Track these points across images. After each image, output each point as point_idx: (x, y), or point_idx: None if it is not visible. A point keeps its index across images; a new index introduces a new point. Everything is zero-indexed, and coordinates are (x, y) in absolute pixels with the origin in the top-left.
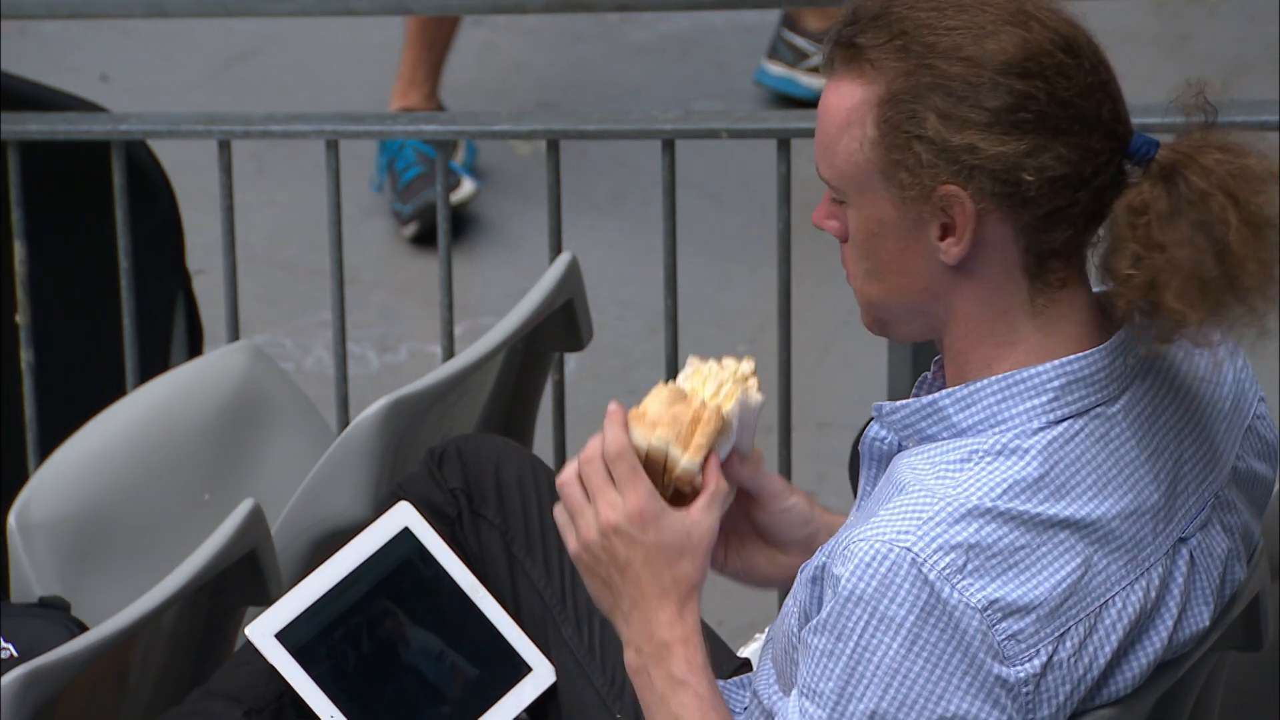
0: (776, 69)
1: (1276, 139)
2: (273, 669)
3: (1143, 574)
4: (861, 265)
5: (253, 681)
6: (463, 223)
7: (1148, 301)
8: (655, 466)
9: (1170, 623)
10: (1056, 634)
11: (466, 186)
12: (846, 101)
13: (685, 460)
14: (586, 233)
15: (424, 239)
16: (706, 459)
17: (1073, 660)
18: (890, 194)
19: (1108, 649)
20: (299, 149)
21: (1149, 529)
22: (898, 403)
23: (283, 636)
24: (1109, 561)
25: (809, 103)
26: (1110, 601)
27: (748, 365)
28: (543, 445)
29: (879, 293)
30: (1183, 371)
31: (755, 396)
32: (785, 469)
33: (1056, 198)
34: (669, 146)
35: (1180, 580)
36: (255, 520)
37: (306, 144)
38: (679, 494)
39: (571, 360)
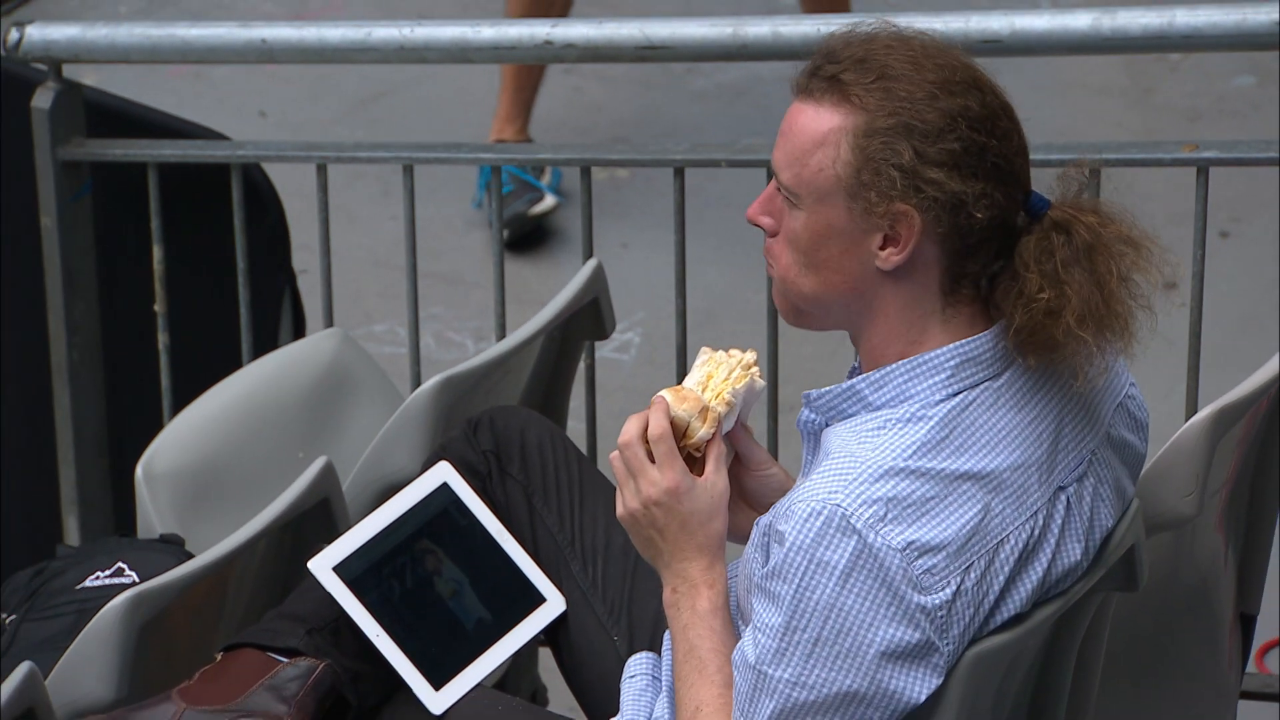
0: None
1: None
2: (330, 596)
3: (1030, 517)
4: (797, 260)
5: (315, 606)
6: (545, 233)
7: (1049, 321)
8: (677, 430)
9: (1048, 557)
10: (963, 567)
11: (548, 201)
12: (824, 125)
13: (700, 430)
14: (652, 243)
15: (514, 246)
16: (716, 430)
17: (976, 588)
18: (847, 205)
19: (1001, 578)
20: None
21: (1034, 479)
22: (822, 389)
23: (339, 569)
24: (1003, 506)
25: None
26: (1005, 539)
27: (751, 355)
28: (577, 418)
29: (810, 285)
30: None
31: (759, 382)
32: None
33: (984, 233)
34: (679, 174)
35: (1059, 521)
36: (327, 474)
37: (423, 169)
38: (690, 456)
39: (632, 349)
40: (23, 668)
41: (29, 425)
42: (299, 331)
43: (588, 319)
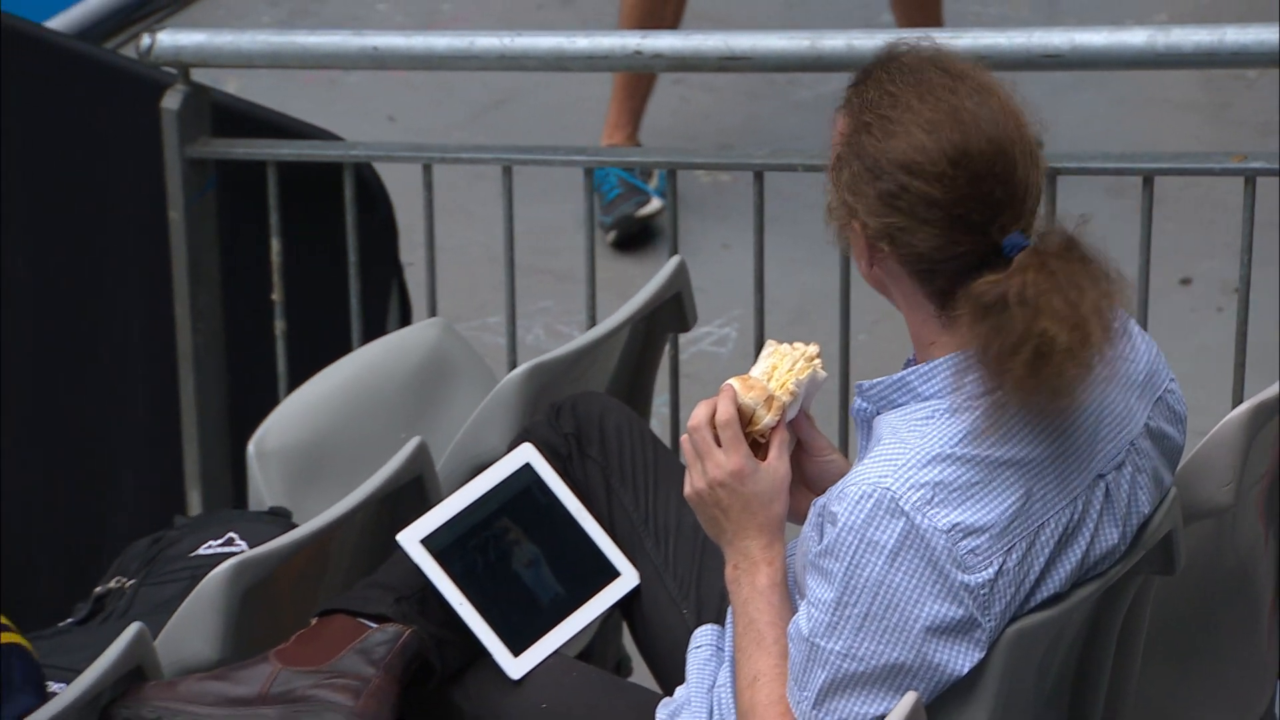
0: None
1: None
2: (417, 566)
3: (1069, 502)
4: None
5: (404, 576)
6: (651, 233)
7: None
8: (744, 417)
9: (1087, 540)
10: (1005, 548)
11: (654, 204)
12: (835, 130)
13: (766, 418)
14: (751, 244)
15: (622, 244)
16: (780, 417)
17: (1017, 568)
18: (832, 210)
19: (1042, 559)
20: (531, 176)
21: (1074, 467)
22: (874, 380)
23: (427, 542)
24: (1044, 492)
25: None
26: (1045, 523)
27: (814, 348)
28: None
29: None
30: None
31: (821, 374)
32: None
33: (919, 263)
34: (759, 177)
35: (1098, 507)
36: (421, 453)
37: (537, 171)
38: (754, 442)
39: (729, 343)
40: (132, 628)
41: (156, 406)
42: (405, 320)
43: (671, 313)
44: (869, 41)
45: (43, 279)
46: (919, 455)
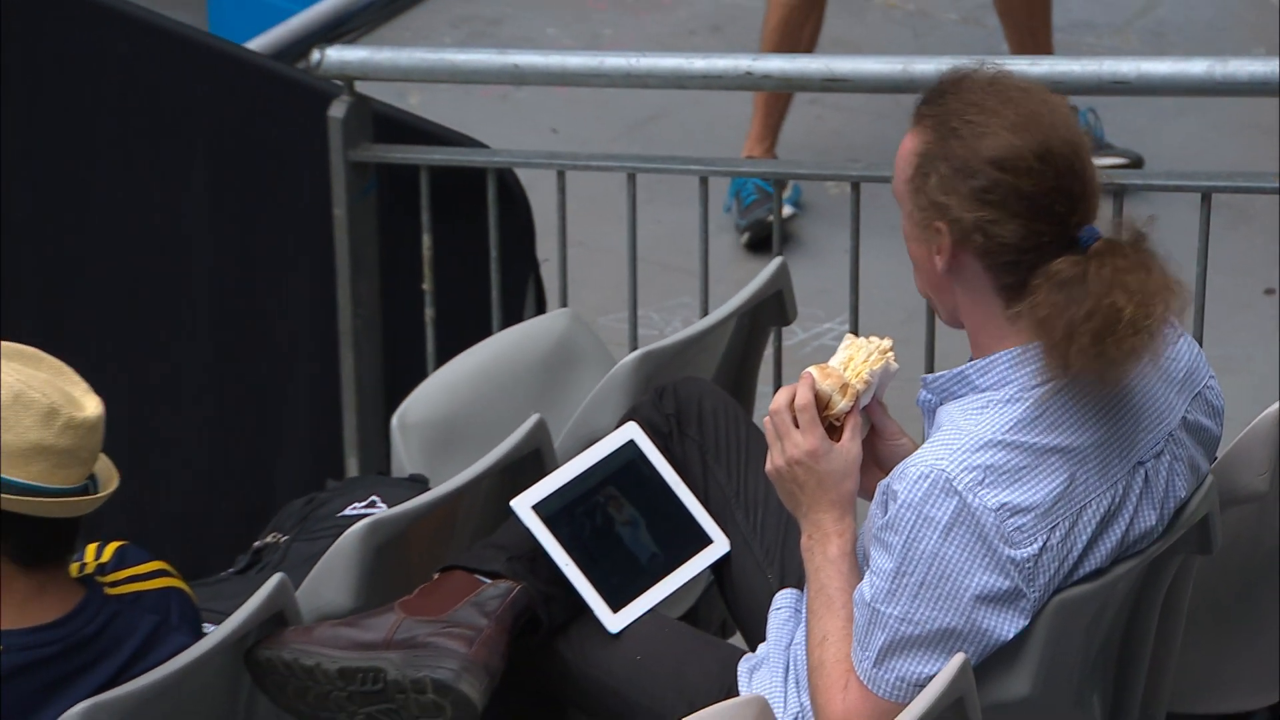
0: None
1: None
2: (529, 530)
3: (1110, 487)
4: (912, 261)
5: (516, 538)
6: (783, 237)
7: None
8: (821, 402)
9: (1126, 521)
10: (1049, 527)
11: (785, 210)
12: (905, 147)
13: (841, 403)
14: (873, 249)
15: (755, 246)
16: (854, 403)
17: (1060, 545)
18: (910, 215)
19: (1084, 538)
20: (676, 184)
21: (1115, 454)
22: (937, 374)
23: (538, 508)
24: (1086, 477)
25: None
26: (1087, 505)
27: (887, 342)
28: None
29: (918, 282)
30: None
31: (893, 365)
32: None
33: (1004, 254)
34: (855, 188)
35: (1137, 491)
36: (540, 428)
37: (678, 180)
38: (830, 425)
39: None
40: (275, 578)
41: (319, 381)
42: (540, 310)
43: (773, 308)
44: (1015, 65)
45: (224, 267)
46: (973, 441)
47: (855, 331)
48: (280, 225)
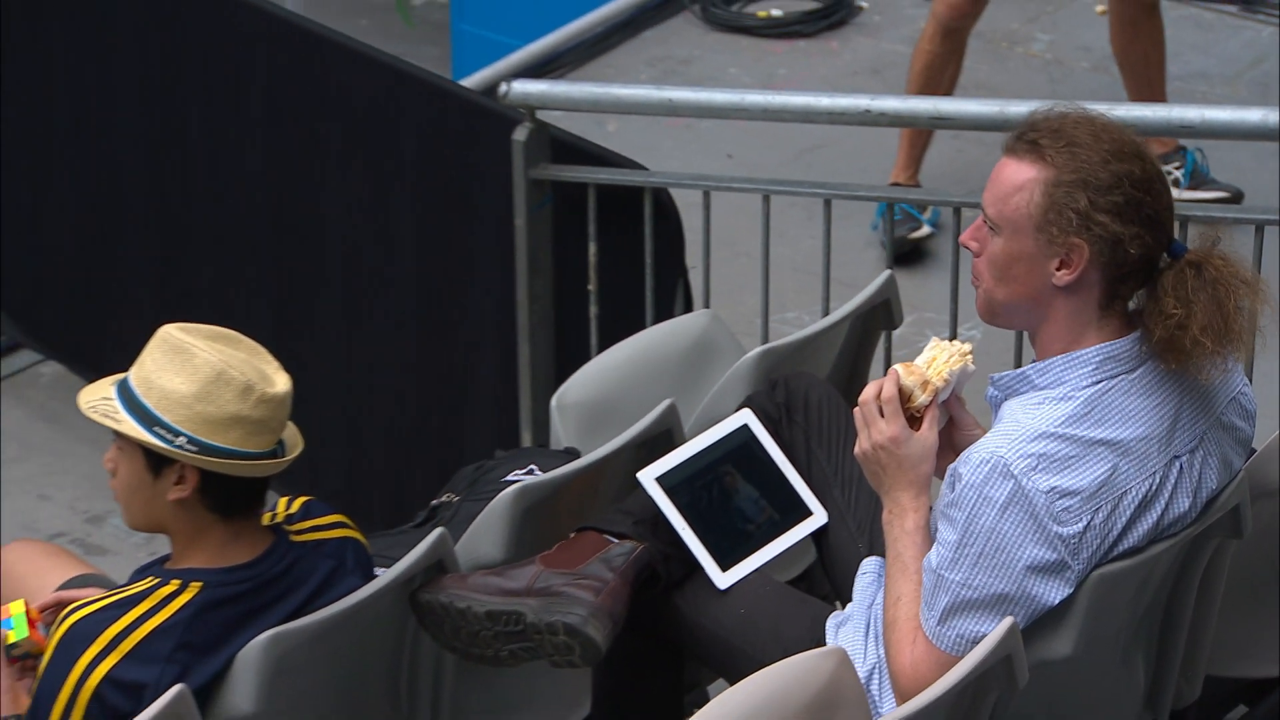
0: None
1: None
2: (652, 498)
3: (1149, 476)
4: (994, 275)
5: (642, 504)
6: (921, 253)
7: (1179, 333)
8: (904, 395)
9: (1161, 507)
10: (1093, 509)
11: (924, 230)
12: (1023, 176)
13: (921, 397)
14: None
15: (899, 261)
16: (933, 398)
17: (1102, 525)
18: (1034, 236)
19: (1123, 520)
20: (803, 205)
21: (1155, 449)
22: (1003, 373)
23: (660, 479)
24: (1128, 467)
25: None
26: (1127, 491)
27: (966, 346)
28: None
29: (1002, 295)
30: None
31: (971, 366)
32: None
33: (1134, 265)
34: (957, 212)
35: (1172, 481)
36: (670, 412)
37: (808, 201)
38: (912, 416)
39: (974, 342)
40: (436, 532)
41: (501, 365)
42: (687, 310)
43: (882, 314)
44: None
45: (426, 265)
46: (1029, 432)
47: (953, 336)
48: (471, 231)
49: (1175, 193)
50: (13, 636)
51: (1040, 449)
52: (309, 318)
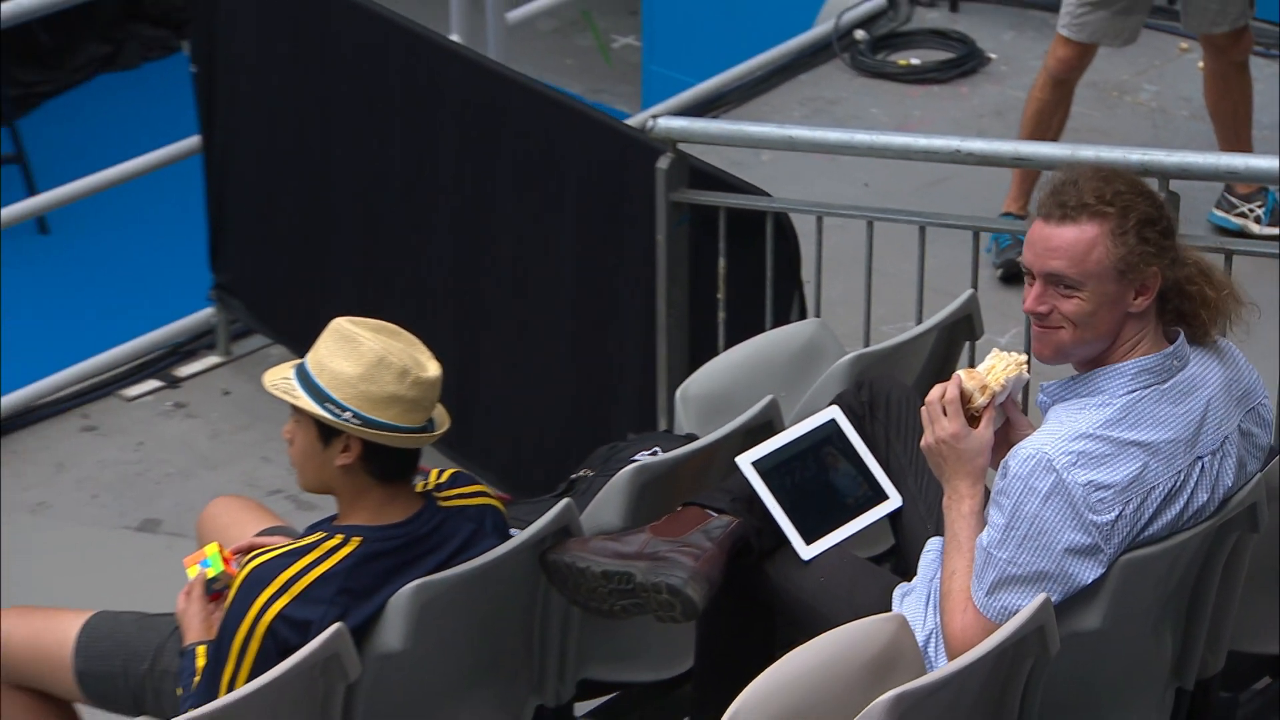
0: (1219, 214)
1: None
2: (747, 479)
3: (1174, 474)
4: (1078, 325)
5: (739, 484)
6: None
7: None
8: (965, 397)
9: (1184, 501)
10: (1124, 501)
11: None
12: (1090, 234)
13: (980, 400)
14: None
15: (1008, 280)
16: (990, 401)
17: (1132, 515)
18: (1116, 280)
19: (1150, 511)
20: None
21: (1181, 450)
22: (1051, 382)
23: (756, 464)
24: (1156, 465)
25: (1231, 232)
26: (1155, 486)
27: (1023, 357)
28: None
29: (1085, 344)
30: (1213, 370)
31: (1025, 375)
32: None
33: (1174, 275)
34: None
35: (1194, 479)
36: (772, 406)
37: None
38: (971, 416)
39: None
40: (563, 502)
41: (642, 360)
42: (801, 318)
43: (965, 327)
44: (1110, 154)
45: (583, 272)
46: (1071, 432)
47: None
48: (620, 244)
49: (1256, 228)
50: (211, 572)
51: (1080, 447)
52: (485, 317)
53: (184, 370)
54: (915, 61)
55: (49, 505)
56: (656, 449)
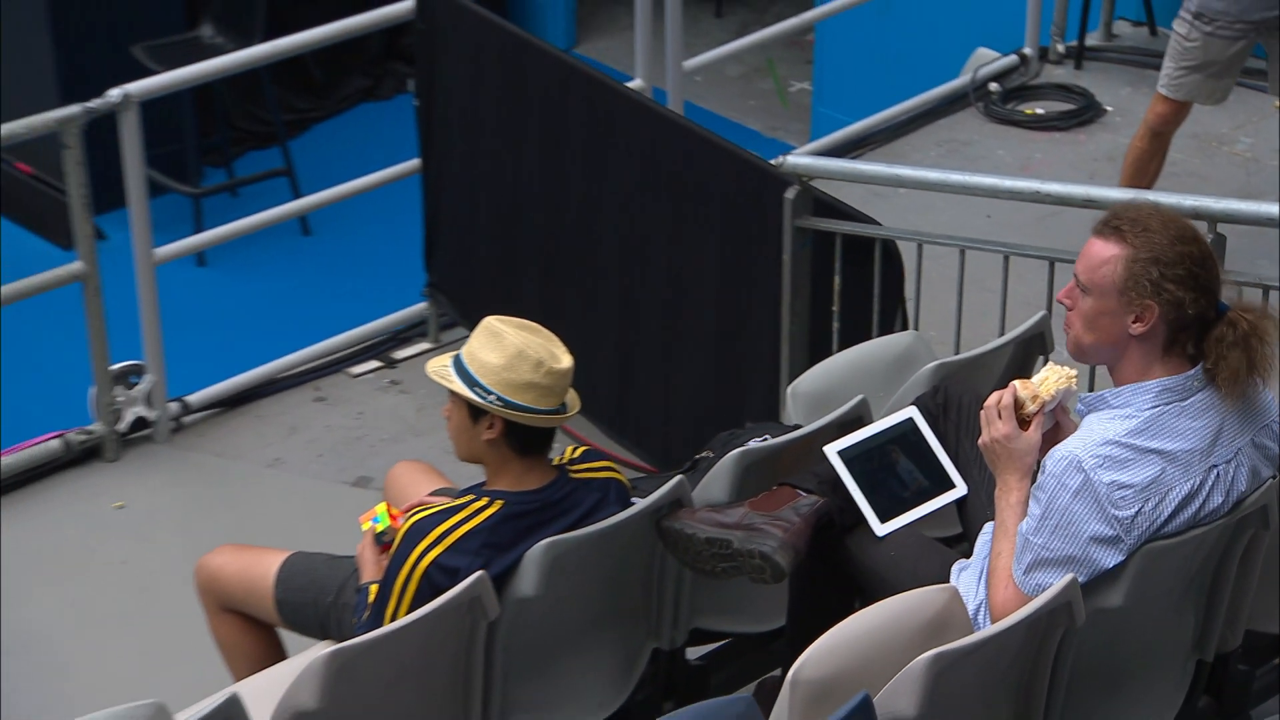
0: None
1: None
2: (833, 465)
3: (1190, 479)
4: (1084, 325)
5: (827, 470)
6: None
7: (1219, 366)
8: (1018, 404)
9: (1199, 502)
10: (1143, 499)
11: None
12: (1109, 252)
13: (1031, 407)
14: None
15: None
16: (1040, 408)
17: (1150, 512)
18: (1117, 299)
19: (1168, 510)
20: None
21: (1197, 459)
22: (1088, 394)
23: (841, 453)
24: (1174, 471)
25: None
26: (1172, 488)
27: (1073, 371)
28: None
29: (1089, 340)
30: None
31: (1074, 387)
32: None
33: (1191, 320)
34: None
35: (1209, 484)
36: (862, 404)
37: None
38: (1023, 420)
39: None
40: (677, 477)
41: (770, 361)
42: (903, 329)
43: (1037, 343)
44: (1166, 198)
45: (722, 287)
46: (1099, 439)
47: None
48: (754, 262)
49: None
50: (380, 527)
51: (1106, 452)
52: (642, 320)
53: (400, 353)
54: (1040, 111)
55: (283, 460)
56: (766, 436)
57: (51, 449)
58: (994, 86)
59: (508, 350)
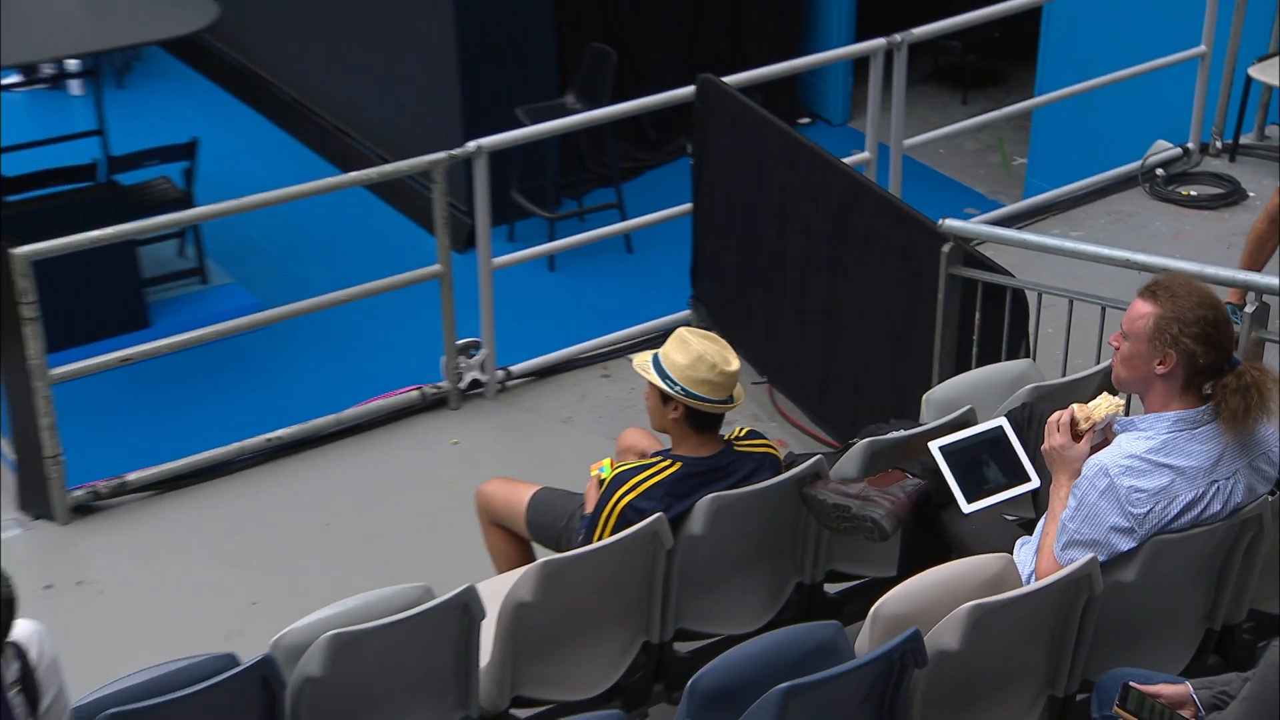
0: None
1: None
2: (935, 457)
3: (1194, 489)
4: (1123, 362)
5: (929, 460)
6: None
7: (1222, 410)
8: (1074, 423)
9: (1201, 508)
10: (1154, 500)
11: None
12: (1145, 309)
13: (1084, 425)
14: None
15: None
16: (1090, 427)
17: (1160, 511)
18: (1146, 345)
19: (1174, 511)
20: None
21: (1201, 475)
22: (1124, 417)
23: (942, 448)
24: (1181, 482)
25: None
26: (1178, 495)
27: (1121, 399)
28: None
29: (1125, 375)
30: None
31: (1120, 415)
32: None
33: (1205, 370)
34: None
35: (1210, 494)
36: (969, 413)
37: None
38: (1077, 435)
39: None
40: (816, 456)
41: (924, 377)
42: (1027, 356)
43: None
44: (1215, 271)
45: (895, 319)
46: (1125, 453)
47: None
48: (919, 298)
49: None
50: (605, 476)
51: (1129, 464)
52: (840, 337)
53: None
54: (1194, 193)
55: (572, 419)
56: (900, 430)
57: (411, 398)
58: (1159, 171)
59: (691, 354)
